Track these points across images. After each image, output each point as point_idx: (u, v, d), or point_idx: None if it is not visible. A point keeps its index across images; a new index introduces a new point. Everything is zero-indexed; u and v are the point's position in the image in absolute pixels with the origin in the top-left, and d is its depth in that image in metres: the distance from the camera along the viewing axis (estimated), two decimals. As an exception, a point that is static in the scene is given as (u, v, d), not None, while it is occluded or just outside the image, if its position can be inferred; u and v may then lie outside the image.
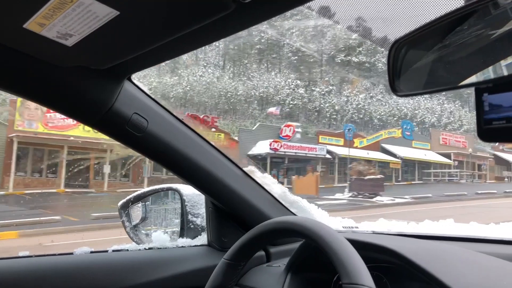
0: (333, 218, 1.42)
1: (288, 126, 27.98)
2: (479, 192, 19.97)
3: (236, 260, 0.88)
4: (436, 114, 56.18)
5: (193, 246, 1.28)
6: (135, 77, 0.95)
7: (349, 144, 28.06)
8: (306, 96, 52.05)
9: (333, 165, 27.66)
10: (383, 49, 61.75)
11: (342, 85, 55.38)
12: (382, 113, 52.51)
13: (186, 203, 1.34)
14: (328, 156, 26.77)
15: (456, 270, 0.81)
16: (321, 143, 28.18)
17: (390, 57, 0.62)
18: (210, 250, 1.27)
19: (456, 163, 34.27)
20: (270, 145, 24.03)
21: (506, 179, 37.89)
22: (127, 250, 1.18)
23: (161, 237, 1.26)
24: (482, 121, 0.50)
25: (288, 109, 47.48)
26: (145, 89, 1.00)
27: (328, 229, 0.77)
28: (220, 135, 23.53)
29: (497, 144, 44.34)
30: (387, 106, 53.16)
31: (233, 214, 1.23)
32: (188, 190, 1.36)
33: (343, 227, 1.39)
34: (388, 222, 1.42)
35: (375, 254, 0.90)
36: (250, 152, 23.49)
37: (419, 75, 0.62)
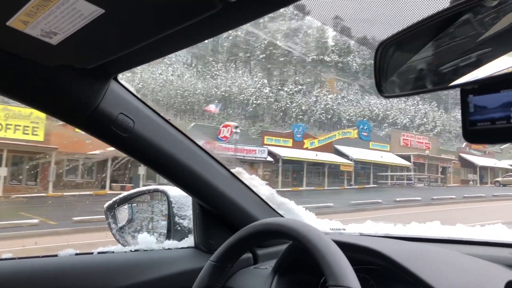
0: (321, 220, 1.44)
1: (226, 126, 25.75)
2: (435, 197, 18.91)
3: (223, 262, 0.89)
4: (409, 115, 54.46)
5: (180, 248, 1.28)
6: (121, 77, 0.95)
7: (298, 145, 25.96)
8: (272, 96, 49.90)
9: (278, 168, 25.48)
10: (358, 49, 59.39)
11: (313, 84, 53.26)
12: (352, 114, 50.60)
13: (173, 205, 1.35)
14: (269, 159, 24.59)
15: (440, 271, 0.84)
16: (266, 144, 26.05)
17: (376, 58, 0.63)
18: (197, 252, 1.27)
19: (416, 166, 32.23)
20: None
21: (471, 183, 35.92)
22: (113, 252, 1.18)
23: (147, 239, 1.28)
24: (467, 122, 0.52)
25: (251, 109, 45.30)
26: (132, 89, 1.00)
27: (315, 231, 0.78)
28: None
29: (463, 145, 42.41)
30: (357, 107, 51.30)
31: (220, 216, 1.24)
32: (175, 192, 1.36)
33: (330, 229, 1.41)
34: (375, 224, 1.41)
35: (361, 255, 0.91)
36: None
37: (406, 76, 0.63)
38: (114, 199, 1.46)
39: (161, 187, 1.41)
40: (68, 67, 0.79)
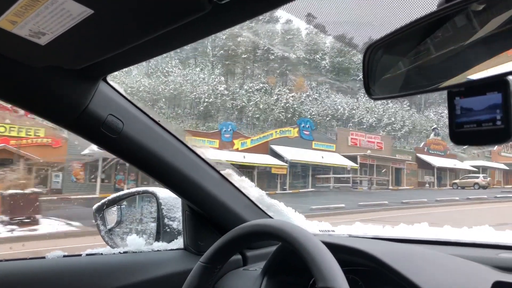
0: (310, 222, 1.48)
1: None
2: (361, 203, 16.70)
3: (212, 263, 0.90)
4: (376, 114, 51.77)
5: (169, 250, 1.30)
6: (110, 78, 0.97)
7: (225, 146, 23.16)
8: (228, 94, 46.97)
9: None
10: (327, 46, 56.62)
11: (276, 82, 50.56)
12: (314, 113, 47.82)
13: (162, 207, 1.37)
14: None
15: (428, 272, 0.86)
16: (187, 144, 23.15)
17: (365, 60, 0.65)
18: (186, 254, 1.29)
19: (365, 167, 29.50)
20: None
21: (427, 185, 33.27)
22: (101, 254, 1.20)
23: (136, 241, 1.29)
24: (454, 124, 0.53)
25: (202, 108, 42.48)
26: (121, 90, 1.01)
27: (304, 232, 0.79)
28: (38, 130, 18.42)
29: (421, 145, 39.74)
30: (321, 106, 48.67)
31: (209, 217, 1.27)
32: (164, 193, 1.39)
33: (319, 230, 1.44)
34: (364, 225, 1.46)
35: (351, 257, 0.93)
36: (85, 152, 18.57)
37: (394, 79, 0.65)
38: (103, 200, 1.47)
39: (150, 189, 1.43)
40: (57, 68, 0.81)
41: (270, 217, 1.35)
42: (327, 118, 52.37)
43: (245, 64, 54.86)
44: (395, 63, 0.65)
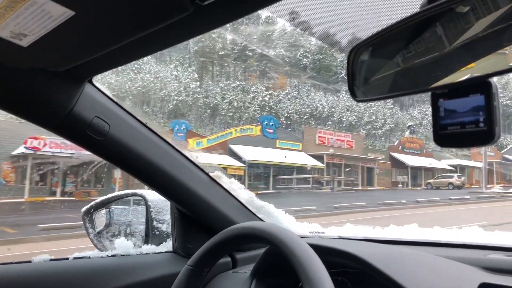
0: (300, 223, 1.48)
1: (37, 139, 18.89)
2: (336, 205, 15.27)
3: (200, 267, 0.90)
4: (356, 113, 50.26)
5: (158, 253, 1.31)
6: (96, 80, 0.97)
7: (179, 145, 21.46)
8: (201, 91, 45.33)
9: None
10: (307, 44, 54.87)
11: (253, 80, 48.93)
12: (291, 111, 46.17)
13: (151, 209, 1.37)
14: None
15: (415, 273, 0.87)
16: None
17: (349, 62, 0.65)
18: (175, 256, 1.29)
19: (334, 167, 27.94)
20: (25, 142, 17.32)
21: (400, 185, 31.78)
22: (89, 257, 1.20)
23: (125, 244, 1.29)
24: (438, 126, 0.54)
25: (171, 106, 40.78)
26: (108, 92, 1.01)
27: (291, 235, 0.79)
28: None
29: (395, 143, 38.24)
30: (300, 104, 47.12)
31: (198, 220, 1.28)
32: (153, 196, 1.39)
33: (309, 232, 1.44)
34: (354, 227, 1.46)
35: (339, 259, 0.94)
36: (16, 152, 18.45)
37: (378, 80, 0.65)
38: (92, 203, 1.47)
39: (139, 191, 1.43)
40: (40, 69, 0.81)
41: (260, 219, 1.37)
42: (305, 117, 50.87)
43: (222, 61, 53.25)
44: (379, 65, 0.65)
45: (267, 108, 49.05)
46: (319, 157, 29.54)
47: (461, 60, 0.52)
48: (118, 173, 22.31)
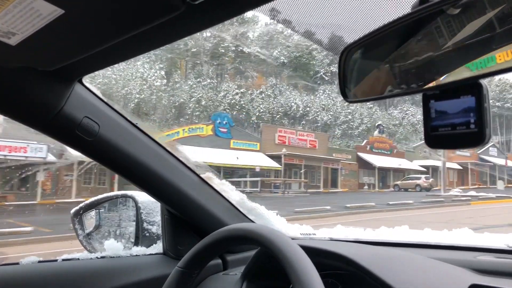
0: (291, 225, 1.48)
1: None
2: (297, 209, 14.25)
3: (190, 268, 0.90)
4: (332, 112, 48.57)
5: (148, 254, 1.30)
6: (86, 80, 0.97)
7: None
8: (167, 89, 43.27)
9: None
10: (286, 42, 53.05)
11: (230, 78, 47.11)
12: (263, 110, 44.26)
13: (141, 211, 1.36)
14: (52, 158, 18.21)
15: (405, 274, 0.89)
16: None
17: (340, 63, 0.66)
18: (166, 258, 1.29)
19: (297, 168, 26.16)
20: None
21: (366, 187, 30.04)
22: (78, 259, 1.20)
23: (114, 246, 1.29)
24: (429, 127, 0.54)
25: (133, 105, 38.73)
26: (98, 92, 1.01)
27: (282, 237, 0.79)
28: None
29: (363, 143, 36.47)
30: (273, 103, 45.30)
31: (189, 221, 1.27)
32: (143, 197, 1.38)
33: (301, 233, 1.44)
34: (345, 228, 1.48)
35: (330, 261, 0.95)
36: None
37: (369, 81, 0.65)
38: (81, 204, 1.46)
39: (129, 192, 1.42)
40: (29, 69, 0.81)
41: (251, 220, 1.37)
42: (277, 116, 49.10)
43: (194, 58, 51.35)
44: (371, 66, 0.65)
45: (237, 106, 47.33)
46: (277, 158, 27.80)
47: (452, 62, 0.52)
48: (41, 175, 20.40)
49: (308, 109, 49.52)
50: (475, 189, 28.60)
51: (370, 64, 0.66)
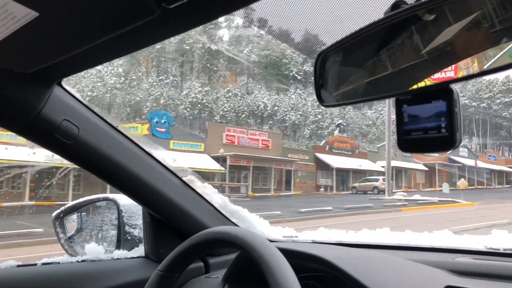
0: (274, 228, 1.49)
1: None
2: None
3: (170, 272, 0.90)
4: (300, 112, 46.79)
5: (130, 258, 1.31)
6: (66, 83, 0.98)
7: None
8: (123, 87, 40.89)
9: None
10: (254, 39, 51.28)
11: (191, 76, 45.22)
12: (227, 109, 42.19)
13: (123, 214, 1.36)
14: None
15: (384, 277, 0.90)
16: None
17: (316, 67, 0.67)
18: (147, 262, 1.29)
19: (245, 170, 24.22)
20: None
21: (322, 189, 28.22)
22: (58, 263, 1.19)
23: (95, 249, 1.29)
24: (402, 131, 0.56)
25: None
26: (77, 95, 1.01)
27: (260, 240, 0.80)
28: None
29: (322, 143, 34.53)
30: (241, 101, 43.44)
31: (171, 224, 1.27)
32: (125, 200, 1.38)
33: (283, 236, 1.45)
34: (328, 231, 1.49)
35: (311, 263, 0.97)
36: None
37: (344, 86, 0.67)
38: (62, 208, 1.45)
39: (111, 195, 1.42)
40: (6, 71, 0.80)
41: (234, 223, 1.37)
42: (242, 115, 47.07)
43: (157, 55, 49.15)
44: (346, 71, 0.67)
45: (199, 105, 45.36)
46: (223, 159, 25.88)
47: (427, 67, 0.53)
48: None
49: (276, 108, 47.79)
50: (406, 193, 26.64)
51: (346, 69, 0.67)
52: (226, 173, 25.50)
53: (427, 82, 0.53)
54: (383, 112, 56.12)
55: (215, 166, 25.21)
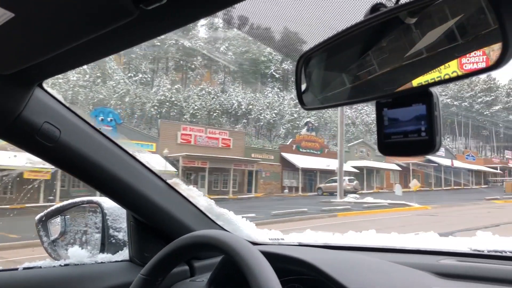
0: (260, 230, 1.50)
1: None
2: None
3: (153, 276, 0.90)
4: (276, 110, 45.22)
5: (114, 261, 1.29)
6: (47, 84, 0.97)
7: None
8: (86, 85, 39.10)
9: None
10: (230, 36, 49.61)
11: (161, 73, 43.57)
12: (197, 108, 40.39)
13: (107, 217, 1.35)
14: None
15: (368, 280, 0.91)
16: None
17: (297, 70, 0.67)
18: (131, 265, 1.28)
19: (199, 171, 22.55)
20: None
21: (286, 191, 26.72)
22: (40, 267, 1.17)
23: (79, 253, 1.27)
24: (382, 135, 0.56)
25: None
26: (59, 97, 1.01)
27: (243, 243, 0.81)
28: None
29: (289, 142, 32.92)
30: (212, 99, 41.75)
31: (155, 228, 1.26)
32: (109, 203, 1.37)
33: (269, 239, 1.45)
34: (314, 233, 1.49)
35: (295, 267, 0.97)
36: None
37: (325, 89, 0.68)
38: (46, 210, 1.43)
39: (95, 198, 1.40)
40: None
41: (220, 226, 1.38)
42: (214, 114, 45.35)
43: (130, 51, 47.25)
44: (327, 74, 0.68)
45: (167, 104, 43.56)
46: (176, 160, 24.26)
47: (408, 71, 0.54)
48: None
49: (251, 107, 46.26)
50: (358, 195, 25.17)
51: (327, 72, 0.67)
52: (178, 175, 23.88)
53: (407, 85, 0.54)
54: (363, 111, 54.91)
55: (167, 167, 23.57)
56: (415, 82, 0.53)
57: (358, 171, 33.94)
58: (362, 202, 19.55)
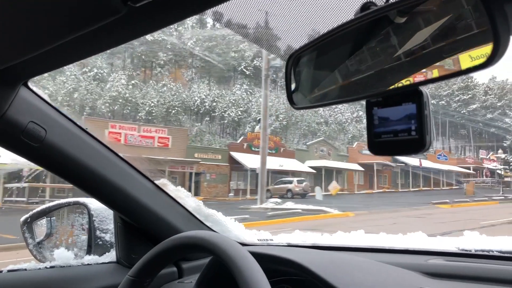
0: (249, 231, 1.52)
1: None
2: None
3: (141, 277, 0.90)
4: (242, 108, 42.51)
5: (101, 263, 1.30)
6: (32, 83, 0.96)
7: None
8: (35, 80, 35.19)
9: None
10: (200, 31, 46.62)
11: (117, 68, 40.90)
12: (154, 105, 37.57)
13: (94, 218, 1.34)
14: None
15: (356, 280, 0.92)
16: None
17: (287, 69, 0.67)
18: (119, 267, 1.28)
19: None
20: None
21: (231, 194, 24.28)
22: (25, 269, 1.17)
23: (65, 254, 1.26)
24: (372, 134, 0.57)
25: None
26: (45, 96, 1.00)
27: (231, 244, 0.81)
28: None
29: (239, 141, 30.30)
30: (172, 96, 38.95)
31: (143, 229, 1.27)
32: (96, 204, 1.37)
33: (258, 239, 1.47)
34: (303, 233, 1.52)
35: (284, 267, 0.98)
36: None
37: (315, 88, 0.68)
38: (31, 212, 1.42)
39: (81, 199, 1.39)
40: None
41: (208, 227, 1.39)
42: (173, 111, 42.61)
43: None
44: (317, 73, 0.68)
45: (121, 100, 40.69)
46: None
47: (398, 70, 0.54)
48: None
49: (215, 104, 43.78)
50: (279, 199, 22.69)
51: (317, 71, 0.67)
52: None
53: (398, 84, 0.54)
54: (337, 109, 52.80)
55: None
56: (405, 81, 0.53)
57: (315, 171, 31.80)
58: (282, 208, 16.85)
